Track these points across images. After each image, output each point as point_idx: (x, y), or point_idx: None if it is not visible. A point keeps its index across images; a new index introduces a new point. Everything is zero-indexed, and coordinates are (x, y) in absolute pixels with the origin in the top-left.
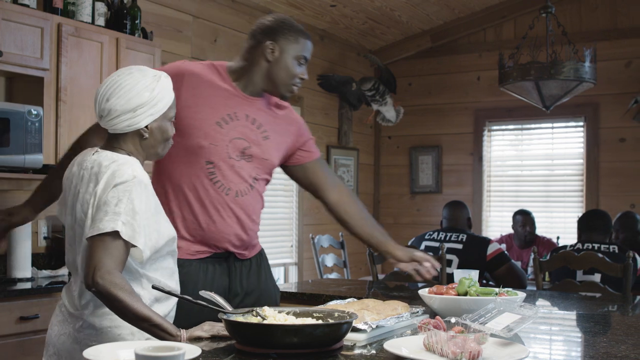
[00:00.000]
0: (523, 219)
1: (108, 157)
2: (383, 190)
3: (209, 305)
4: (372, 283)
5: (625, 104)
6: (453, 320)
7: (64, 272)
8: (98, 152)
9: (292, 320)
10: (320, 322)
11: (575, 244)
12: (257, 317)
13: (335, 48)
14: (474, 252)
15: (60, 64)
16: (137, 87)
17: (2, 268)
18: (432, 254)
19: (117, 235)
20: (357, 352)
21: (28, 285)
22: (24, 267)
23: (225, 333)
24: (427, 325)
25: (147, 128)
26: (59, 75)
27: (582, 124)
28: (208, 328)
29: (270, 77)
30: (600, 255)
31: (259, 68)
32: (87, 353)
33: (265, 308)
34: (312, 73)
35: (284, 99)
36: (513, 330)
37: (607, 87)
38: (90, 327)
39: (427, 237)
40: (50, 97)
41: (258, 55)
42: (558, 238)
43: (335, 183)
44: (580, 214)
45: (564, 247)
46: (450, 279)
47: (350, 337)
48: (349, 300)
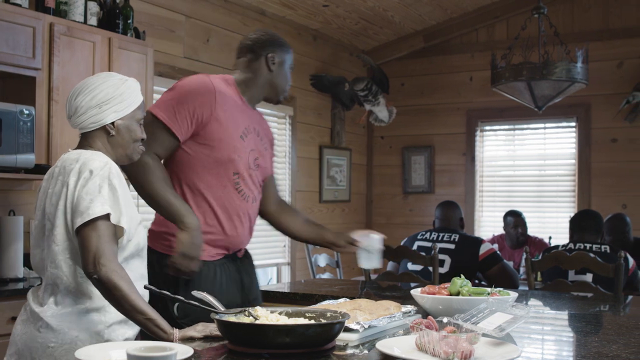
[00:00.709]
0: (515, 221)
1: (75, 152)
2: (376, 191)
3: (201, 306)
4: (364, 283)
5: (617, 105)
6: (445, 320)
7: None
8: (68, 152)
9: (284, 320)
10: (313, 322)
11: (567, 244)
12: (249, 317)
13: (328, 48)
14: (467, 252)
15: (53, 64)
16: (102, 85)
17: None
18: (424, 254)
19: (107, 219)
20: (349, 352)
21: (20, 286)
22: (16, 267)
23: (218, 333)
24: (419, 325)
25: (113, 125)
26: (51, 75)
27: (574, 125)
28: (201, 328)
29: (272, 85)
30: (592, 255)
31: (263, 78)
32: (78, 353)
33: (258, 308)
34: (304, 73)
35: (278, 103)
36: (505, 330)
37: (599, 87)
38: (50, 328)
39: (419, 237)
40: (43, 96)
41: (260, 67)
42: (550, 238)
43: (279, 199)
44: (572, 214)
45: (556, 247)
46: (443, 279)
47: (343, 337)
48: (342, 300)
